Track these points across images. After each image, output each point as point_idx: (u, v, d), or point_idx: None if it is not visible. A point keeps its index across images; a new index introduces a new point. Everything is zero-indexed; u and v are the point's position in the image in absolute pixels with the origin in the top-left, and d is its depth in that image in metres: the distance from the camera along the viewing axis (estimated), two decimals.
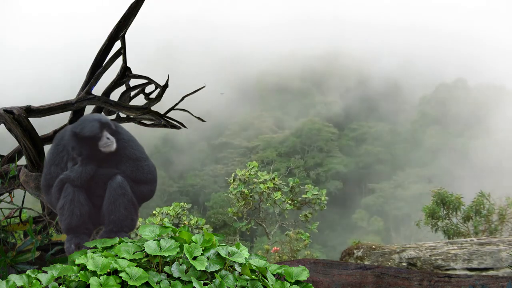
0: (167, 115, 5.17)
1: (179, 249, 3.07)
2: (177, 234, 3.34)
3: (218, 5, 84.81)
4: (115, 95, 5.12)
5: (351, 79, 69.82)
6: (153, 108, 5.08)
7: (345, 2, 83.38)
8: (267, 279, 3.13)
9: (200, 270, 2.97)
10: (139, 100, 5.31)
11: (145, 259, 3.07)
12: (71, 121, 4.92)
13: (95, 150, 3.88)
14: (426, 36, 74.29)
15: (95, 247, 3.31)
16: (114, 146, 3.92)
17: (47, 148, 4.41)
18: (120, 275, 2.85)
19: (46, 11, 78.75)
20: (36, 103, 4.73)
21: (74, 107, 4.82)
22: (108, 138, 3.90)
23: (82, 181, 3.85)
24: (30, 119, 4.61)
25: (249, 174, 12.71)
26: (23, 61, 65.48)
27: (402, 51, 71.30)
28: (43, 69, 63.29)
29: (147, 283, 2.85)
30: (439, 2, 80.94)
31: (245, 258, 3.16)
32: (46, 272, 2.91)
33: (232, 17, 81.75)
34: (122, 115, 5.27)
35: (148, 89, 5.31)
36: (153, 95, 5.25)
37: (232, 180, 13.03)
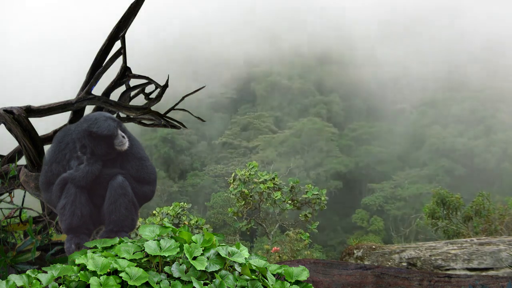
0: (167, 115, 5.17)
1: (179, 249, 3.06)
2: (177, 234, 3.33)
3: (218, 3, 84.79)
4: (115, 95, 5.11)
5: (351, 79, 69.81)
6: (153, 108, 5.08)
7: (346, 3, 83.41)
8: (267, 279, 3.12)
9: (200, 270, 2.97)
10: (139, 100, 5.31)
11: (145, 259, 3.07)
12: (71, 121, 4.91)
13: (110, 148, 3.87)
14: (426, 36, 74.32)
15: (95, 247, 3.31)
16: (127, 144, 3.93)
17: (47, 148, 4.40)
18: (120, 275, 2.85)
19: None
20: (36, 103, 4.73)
21: (74, 107, 4.81)
22: (123, 137, 3.90)
23: (87, 181, 3.84)
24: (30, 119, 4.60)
25: (249, 174, 12.70)
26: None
27: (403, 51, 71.32)
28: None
29: (147, 283, 2.84)
30: (440, 2, 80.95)
31: (245, 258, 3.16)
32: (46, 272, 2.91)
33: (233, 16, 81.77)
34: (122, 115, 5.27)
35: (148, 89, 5.30)
36: (153, 95, 5.24)
37: (232, 180, 13.02)
